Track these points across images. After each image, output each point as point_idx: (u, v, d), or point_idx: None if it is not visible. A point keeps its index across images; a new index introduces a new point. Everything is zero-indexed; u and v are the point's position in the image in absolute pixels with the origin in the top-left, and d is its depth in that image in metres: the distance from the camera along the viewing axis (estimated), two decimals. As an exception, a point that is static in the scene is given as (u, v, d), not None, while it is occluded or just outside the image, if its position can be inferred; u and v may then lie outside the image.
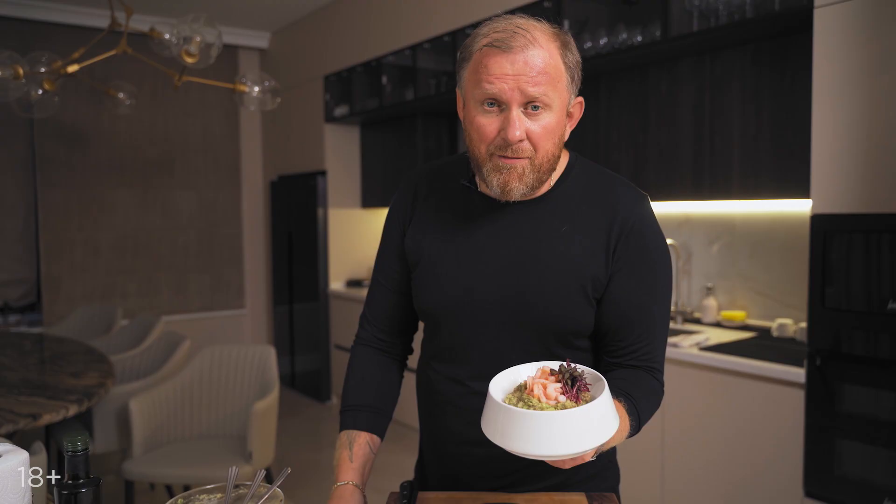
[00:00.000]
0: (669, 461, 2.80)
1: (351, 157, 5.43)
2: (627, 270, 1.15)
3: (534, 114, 1.07)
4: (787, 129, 2.77)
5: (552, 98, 1.07)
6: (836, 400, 2.29)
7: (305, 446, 4.34)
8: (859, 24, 2.23)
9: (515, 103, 1.05)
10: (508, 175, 1.10)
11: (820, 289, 2.32)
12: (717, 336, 2.98)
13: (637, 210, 1.17)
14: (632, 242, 1.15)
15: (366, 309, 1.36)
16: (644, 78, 3.27)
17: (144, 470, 2.72)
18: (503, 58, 1.05)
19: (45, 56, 3.00)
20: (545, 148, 1.09)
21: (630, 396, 1.10)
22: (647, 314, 1.16)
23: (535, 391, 0.89)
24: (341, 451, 1.24)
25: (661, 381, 1.20)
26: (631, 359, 1.16)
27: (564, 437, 0.83)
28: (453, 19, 4.03)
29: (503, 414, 0.87)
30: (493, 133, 1.09)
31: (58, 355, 3.29)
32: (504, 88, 1.05)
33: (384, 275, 1.33)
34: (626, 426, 1.05)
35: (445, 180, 1.28)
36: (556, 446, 0.83)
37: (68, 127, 5.19)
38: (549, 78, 1.06)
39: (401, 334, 1.35)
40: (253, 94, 2.96)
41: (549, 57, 1.06)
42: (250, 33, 5.86)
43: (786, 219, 3.05)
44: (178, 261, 5.76)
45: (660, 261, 1.18)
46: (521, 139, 1.06)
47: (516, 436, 0.85)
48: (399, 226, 1.31)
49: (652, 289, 1.17)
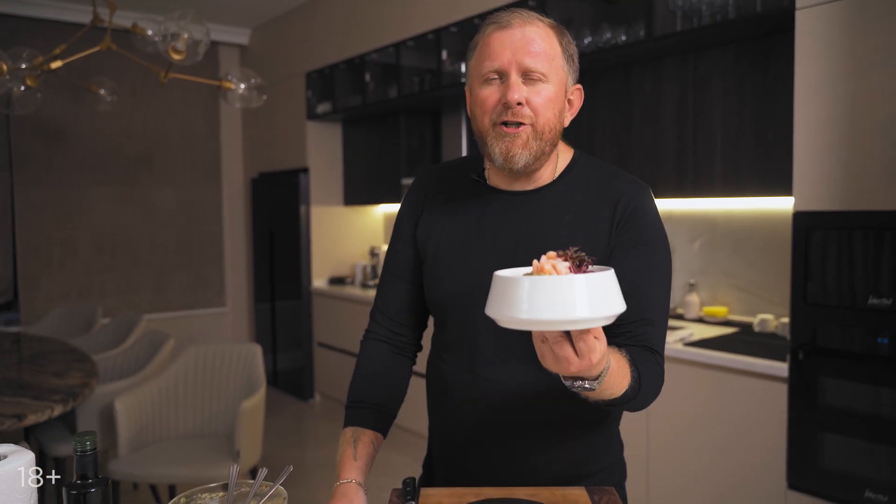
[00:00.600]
0: (654, 455, 2.84)
1: (333, 154, 5.41)
2: (625, 251, 1.18)
3: (532, 83, 1.14)
4: (769, 128, 2.82)
5: (549, 72, 1.14)
6: (818, 394, 2.34)
7: (289, 445, 4.33)
8: (840, 25, 2.28)
9: (514, 70, 1.13)
10: (512, 142, 1.15)
11: (802, 285, 2.36)
12: (700, 332, 3.02)
13: (637, 199, 1.21)
14: (631, 226, 1.19)
15: (378, 302, 1.37)
16: (628, 77, 3.30)
17: (130, 470, 2.70)
18: (503, 33, 1.14)
19: (25, 52, 2.96)
20: (545, 115, 1.15)
21: (632, 358, 1.07)
22: (643, 294, 1.17)
23: (545, 268, 0.89)
24: (345, 448, 1.25)
25: (662, 364, 1.19)
26: (629, 339, 1.16)
27: (571, 301, 0.83)
28: (437, 17, 4.04)
29: (516, 286, 0.86)
30: (494, 101, 1.15)
31: (38, 355, 3.25)
32: (504, 59, 1.13)
33: (397, 267, 1.35)
34: (626, 374, 1.02)
35: (455, 176, 1.32)
36: (564, 310, 0.83)
37: (46, 123, 5.11)
38: (546, 54, 1.14)
39: (413, 328, 1.37)
40: (239, 92, 2.94)
41: (546, 35, 1.15)
42: (230, 29, 5.81)
43: (767, 216, 3.11)
44: (158, 259, 5.70)
45: (658, 247, 1.21)
46: (519, 101, 1.12)
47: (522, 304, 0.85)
48: (411, 219, 1.34)
49: (650, 271, 1.19)
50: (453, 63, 4.00)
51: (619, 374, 1.00)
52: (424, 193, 1.34)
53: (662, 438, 2.81)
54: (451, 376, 1.28)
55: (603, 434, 1.29)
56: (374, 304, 1.38)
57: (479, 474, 1.27)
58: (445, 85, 3.98)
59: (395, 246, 1.36)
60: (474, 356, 1.24)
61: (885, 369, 2.17)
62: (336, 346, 5.03)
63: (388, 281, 1.36)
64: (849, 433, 2.28)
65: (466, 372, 1.25)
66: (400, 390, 1.35)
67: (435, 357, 1.34)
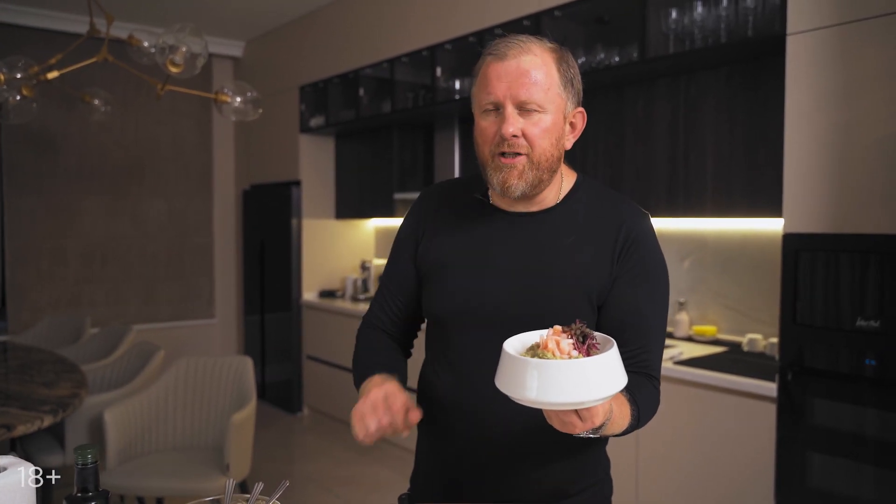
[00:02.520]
0: (644, 473, 2.85)
1: (326, 167, 5.43)
2: (627, 279, 1.23)
3: (528, 114, 1.16)
4: (760, 150, 2.86)
5: (544, 102, 1.16)
6: (806, 414, 2.36)
7: (277, 458, 4.31)
8: (831, 50, 2.32)
9: (509, 103, 1.15)
10: (509, 173, 1.18)
11: (791, 305, 2.39)
12: (689, 350, 3.05)
13: (639, 226, 1.26)
14: (633, 253, 1.23)
15: (374, 307, 1.41)
16: (621, 97, 3.34)
17: (119, 482, 2.68)
18: (499, 65, 1.16)
19: (21, 61, 2.96)
20: (541, 146, 1.17)
21: (631, 392, 1.14)
22: (644, 322, 1.23)
23: (549, 346, 0.95)
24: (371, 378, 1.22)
25: (659, 389, 1.25)
26: (630, 364, 1.18)
27: (577, 385, 0.89)
28: (432, 34, 4.08)
29: (523, 367, 0.92)
30: (492, 133, 1.18)
31: (26, 364, 3.22)
32: (498, 92, 1.16)
33: (394, 281, 1.38)
34: (627, 414, 1.11)
35: (459, 195, 1.34)
36: (571, 393, 0.89)
37: (37, 132, 5.09)
38: (541, 83, 1.15)
39: (402, 337, 1.41)
40: (234, 105, 2.95)
41: (542, 64, 1.16)
42: (224, 42, 5.83)
43: (756, 236, 3.14)
44: (148, 270, 5.68)
45: (657, 274, 1.26)
46: (514, 133, 1.15)
47: (532, 385, 0.90)
48: (413, 236, 1.36)
49: (650, 298, 1.24)
50: (447, 79, 4.03)
51: (620, 417, 1.08)
52: (427, 210, 1.36)
53: (651, 456, 2.82)
54: (447, 390, 1.30)
55: (592, 453, 1.32)
56: (370, 308, 1.42)
57: (468, 489, 1.28)
58: (439, 101, 4.01)
59: (395, 260, 1.39)
60: (469, 373, 1.26)
61: (872, 390, 2.20)
62: (325, 360, 5.02)
63: (383, 293, 1.39)
64: (836, 453, 2.30)
65: (465, 388, 1.27)
66: (403, 363, 1.37)
67: (429, 370, 1.36)
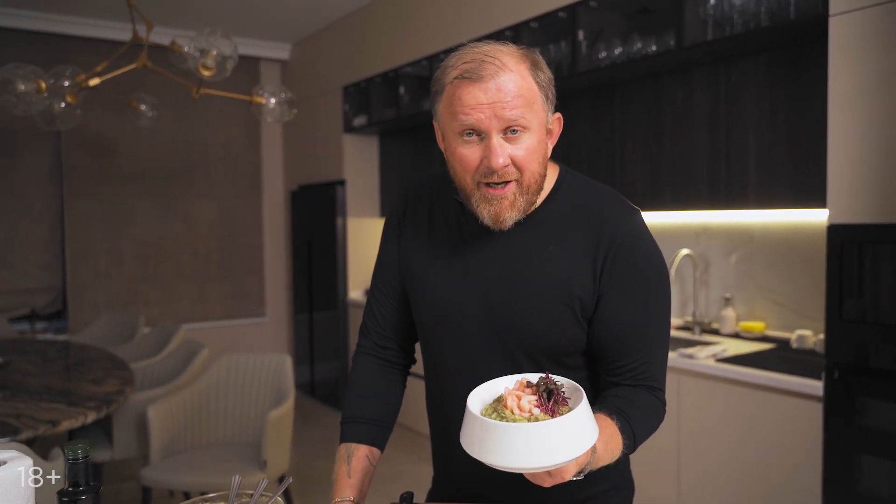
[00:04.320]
0: (685, 474, 2.77)
1: (369, 166, 5.47)
2: (617, 289, 1.13)
3: (514, 137, 1.06)
4: (804, 138, 2.74)
5: (530, 119, 1.07)
6: (855, 414, 2.25)
7: (322, 454, 4.36)
8: (875, 32, 2.21)
9: (494, 131, 1.05)
10: (500, 205, 1.10)
11: (837, 300, 2.28)
12: (735, 347, 2.94)
13: (625, 226, 1.14)
14: (620, 260, 1.13)
15: (365, 318, 1.36)
16: (658, 87, 3.25)
17: (161, 477, 2.75)
18: (475, 87, 1.04)
19: (68, 70, 3.07)
20: (531, 169, 1.09)
21: (625, 415, 1.08)
22: (641, 333, 1.14)
23: (508, 403, 0.89)
24: (339, 466, 1.24)
25: (663, 399, 1.17)
26: (629, 378, 1.14)
27: (533, 450, 0.82)
28: (469, 30, 4.05)
29: (476, 425, 0.87)
30: (475, 162, 1.08)
31: (80, 362, 3.35)
32: (481, 118, 1.05)
33: (384, 281, 1.33)
34: (617, 445, 1.04)
35: (444, 193, 1.26)
36: (525, 459, 0.82)
37: (93, 138, 5.29)
38: (524, 100, 1.05)
39: (402, 342, 1.35)
40: (269, 106, 2.99)
41: (521, 79, 1.06)
42: (271, 45, 5.94)
43: (804, 228, 3.01)
44: (199, 269, 5.83)
45: (652, 277, 1.15)
46: (505, 165, 1.06)
47: (487, 448, 0.84)
48: (395, 234, 1.32)
49: (644, 307, 1.14)
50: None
51: (607, 455, 1.01)
52: (406, 205, 1.31)
53: (694, 457, 2.74)
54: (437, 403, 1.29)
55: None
56: (363, 320, 1.37)
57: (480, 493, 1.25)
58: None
59: (382, 260, 1.35)
60: (453, 390, 1.22)
61: (924, 389, 2.08)
62: (371, 357, 5.05)
63: (375, 296, 1.34)
64: (887, 455, 2.18)
65: (447, 403, 1.25)
66: (392, 403, 1.33)
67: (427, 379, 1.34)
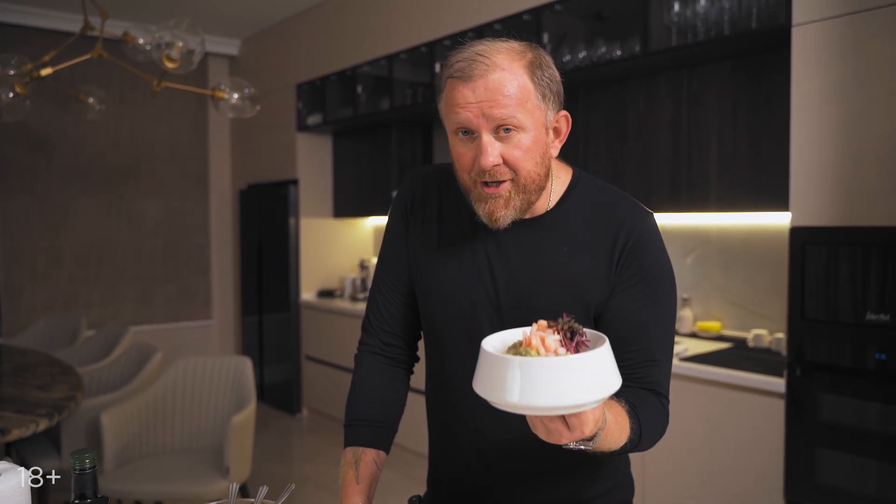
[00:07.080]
0: (650, 469, 2.82)
1: (323, 166, 5.38)
2: (626, 289, 1.13)
3: (506, 136, 1.05)
4: (764, 143, 2.83)
5: (522, 118, 1.05)
6: (815, 409, 2.33)
7: (276, 460, 4.26)
8: (836, 41, 2.29)
9: (484, 129, 1.05)
10: (494, 204, 1.09)
11: (799, 300, 2.36)
12: (694, 347, 3.01)
13: (638, 230, 1.14)
14: (632, 262, 1.13)
15: (369, 314, 1.32)
16: (623, 91, 3.31)
17: (116, 486, 2.63)
18: (465, 87, 1.05)
19: (14, 59, 2.91)
20: (526, 168, 1.07)
21: (633, 405, 1.06)
22: (646, 335, 1.13)
23: (532, 343, 0.84)
24: (347, 471, 1.20)
25: (666, 406, 1.16)
26: (633, 379, 1.13)
27: (564, 386, 0.78)
28: (430, 30, 4.04)
29: (500, 364, 0.82)
30: (470, 161, 1.08)
31: (21, 367, 3.17)
32: (470, 117, 1.05)
33: (389, 275, 1.29)
34: (625, 427, 1.01)
35: (454, 186, 1.21)
36: (558, 395, 0.78)
37: (31, 131, 5.04)
38: (516, 99, 1.04)
39: (406, 338, 1.32)
40: (231, 102, 2.90)
41: (513, 77, 1.04)
42: (220, 40, 5.78)
43: (760, 231, 3.11)
44: (144, 270, 5.63)
45: (661, 280, 1.15)
46: (494, 164, 1.05)
47: (514, 387, 0.80)
48: (401, 227, 1.28)
49: (651, 310, 1.14)
50: (446, 76, 3.98)
51: (616, 430, 0.98)
52: (413, 197, 1.27)
53: (658, 453, 2.79)
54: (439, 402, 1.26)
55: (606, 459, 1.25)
56: (366, 315, 1.32)
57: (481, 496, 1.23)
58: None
59: (387, 254, 1.30)
60: (462, 391, 1.17)
61: (882, 385, 2.17)
62: (325, 360, 4.98)
63: (380, 290, 1.30)
64: (846, 449, 2.27)
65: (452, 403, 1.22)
66: (398, 404, 1.30)
67: (428, 379, 1.30)
